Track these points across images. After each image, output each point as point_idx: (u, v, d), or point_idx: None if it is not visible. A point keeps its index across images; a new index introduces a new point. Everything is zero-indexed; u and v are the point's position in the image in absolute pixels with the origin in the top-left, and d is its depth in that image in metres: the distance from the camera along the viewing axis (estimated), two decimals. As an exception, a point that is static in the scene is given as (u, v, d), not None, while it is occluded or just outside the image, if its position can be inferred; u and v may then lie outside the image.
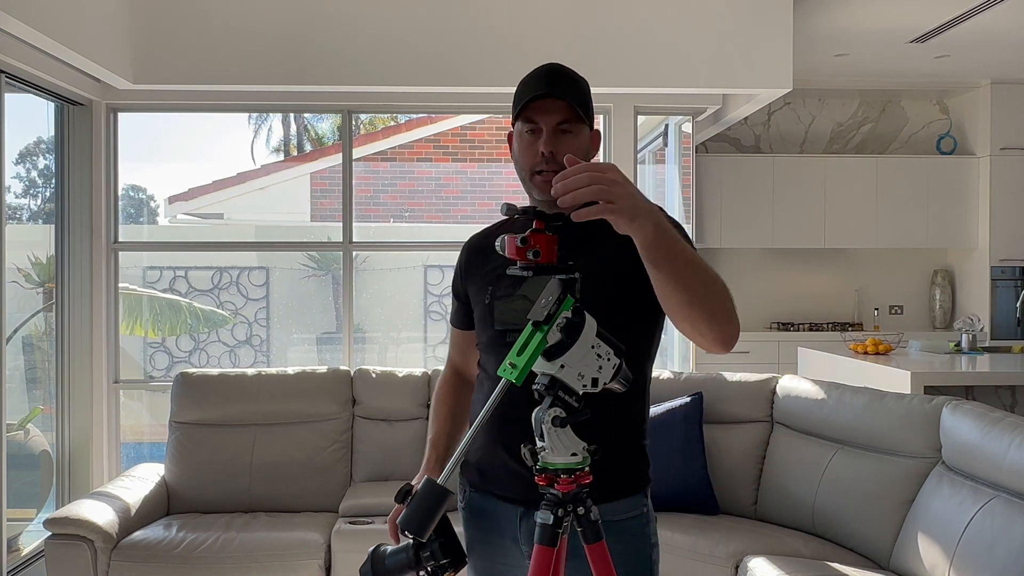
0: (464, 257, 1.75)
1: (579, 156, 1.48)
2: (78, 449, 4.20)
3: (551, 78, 1.55)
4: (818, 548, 2.99)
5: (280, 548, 3.32)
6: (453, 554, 1.31)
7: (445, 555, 1.31)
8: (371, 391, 3.99)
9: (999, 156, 6.29)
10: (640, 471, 1.60)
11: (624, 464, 1.56)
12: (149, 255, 5.13)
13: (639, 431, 1.60)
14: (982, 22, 4.91)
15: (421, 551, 1.30)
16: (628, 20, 4.16)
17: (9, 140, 3.53)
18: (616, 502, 1.52)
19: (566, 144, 1.53)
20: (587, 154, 1.58)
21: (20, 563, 3.69)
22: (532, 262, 1.22)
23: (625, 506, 1.54)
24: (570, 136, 1.54)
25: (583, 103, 1.55)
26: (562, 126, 1.53)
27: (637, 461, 1.59)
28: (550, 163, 1.52)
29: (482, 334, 1.64)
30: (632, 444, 1.59)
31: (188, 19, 4.06)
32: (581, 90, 1.57)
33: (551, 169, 1.49)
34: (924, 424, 2.90)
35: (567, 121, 1.53)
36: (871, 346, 4.72)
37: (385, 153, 5.90)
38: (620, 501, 1.53)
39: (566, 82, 1.55)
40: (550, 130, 1.53)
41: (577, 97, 1.55)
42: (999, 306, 6.31)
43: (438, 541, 1.31)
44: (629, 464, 1.57)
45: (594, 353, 1.23)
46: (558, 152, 1.51)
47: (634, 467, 1.59)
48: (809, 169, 6.40)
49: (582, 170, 1.21)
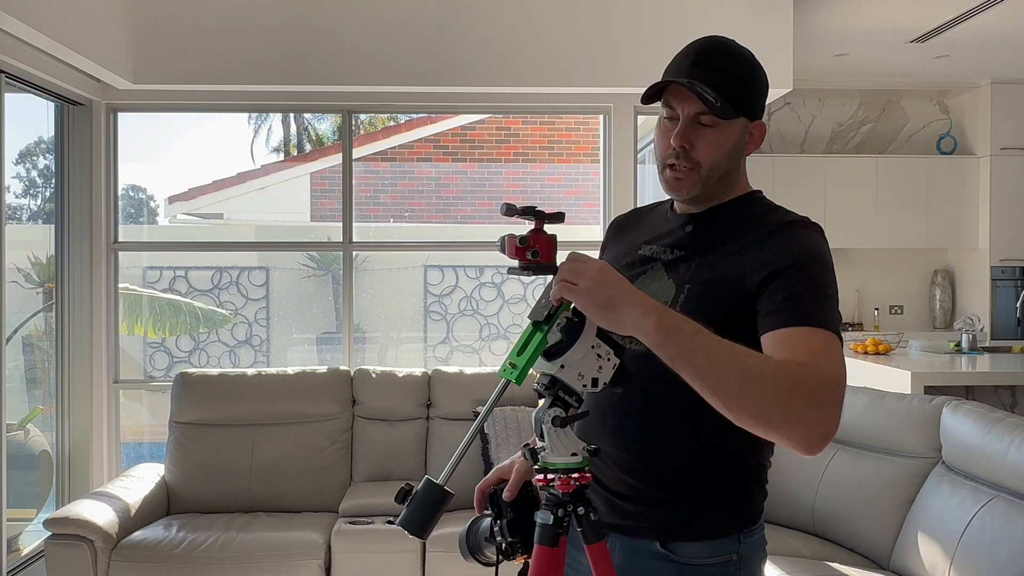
0: (610, 234, 1.60)
1: (722, 155, 1.34)
2: (78, 449, 4.20)
3: (699, 58, 1.33)
4: (818, 548, 2.99)
5: (280, 548, 3.32)
6: (524, 535, 1.29)
7: (513, 534, 1.30)
8: (371, 391, 3.99)
9: (999, 156, 6.29)
10: (734, 508, 1.37)
11: (708, 497, 1.36)
12: (149, 255, 5.13)
13: (738, 461, 1.37)
14: (982, 22, 4.91)
15: (496, 524, 1.30)
16: (628, 20, 4.16)
17: (9, 140, 3.53)
18: (692, 543, 1.35)
19: (704, 139, 1.33)
20: (733, 152, 1.36)
21: (20, 563, 3.69)
22: (531, 262, 1.22)
23: (704, 550, 1.35)
24: (711, 131, 1.33)
25: (733, 92, 1.32)
26: (702, 117, 1.32)
27: (730, 497, 1.37)
28: (682, 159, 1.35)
29: None
30: (726, 475, 1.37)
31: (188, 19, 4.06)
32: (734, 75, 1.33)
33: (683, 166, 1.35)
34: (924, 424, 2.90)
35: (708, 112, 1.32)
36: (871, 346, 4.73)
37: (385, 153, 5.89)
38: (698, 543, 1.35)
39: (715, 65, 1.32)
40: (686, 120, 1.33)
41: (724, 84, 1.31)
42: (999, 306, 6.31)
43: (509, 518, 1.30)
44: (717, 499, 1.37)
45: (594, 353, 1.23)
46: (693, 147, 1.34)
47: (725, 502, 1.37)
48: (809, 169, 6.40)
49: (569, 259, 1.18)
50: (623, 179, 4.51)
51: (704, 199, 1.41)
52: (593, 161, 5.01)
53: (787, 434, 1.15)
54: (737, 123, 1.35)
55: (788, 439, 1.16)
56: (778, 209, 1.41)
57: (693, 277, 1.35)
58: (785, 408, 1.13)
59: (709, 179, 1.37)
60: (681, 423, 1.36)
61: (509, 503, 1.36)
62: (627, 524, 1.39)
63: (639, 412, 1.39)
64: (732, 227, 1.38)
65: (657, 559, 1.37)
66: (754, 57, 1.39)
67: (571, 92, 4.37)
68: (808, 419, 1.14)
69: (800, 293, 1.26)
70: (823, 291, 1.27)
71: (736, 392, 1.14)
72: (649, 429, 1.38)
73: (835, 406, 1.17)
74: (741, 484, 1.39)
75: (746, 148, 1.39)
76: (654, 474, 1.38)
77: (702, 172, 1.36)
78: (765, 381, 1.14)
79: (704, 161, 1.36)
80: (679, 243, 1.42)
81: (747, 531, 1.38)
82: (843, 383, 1.21)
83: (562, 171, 5.92)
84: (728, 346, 1.15)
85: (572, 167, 5.85)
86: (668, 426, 1.37)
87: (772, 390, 1.13)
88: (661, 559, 1.37)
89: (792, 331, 1.23)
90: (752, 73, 1.37)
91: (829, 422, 1.16)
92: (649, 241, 1.47)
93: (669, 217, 1.48)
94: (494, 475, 1.47)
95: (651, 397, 1.36)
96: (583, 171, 5.67)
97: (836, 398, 1.17)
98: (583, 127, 5.67)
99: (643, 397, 1.37)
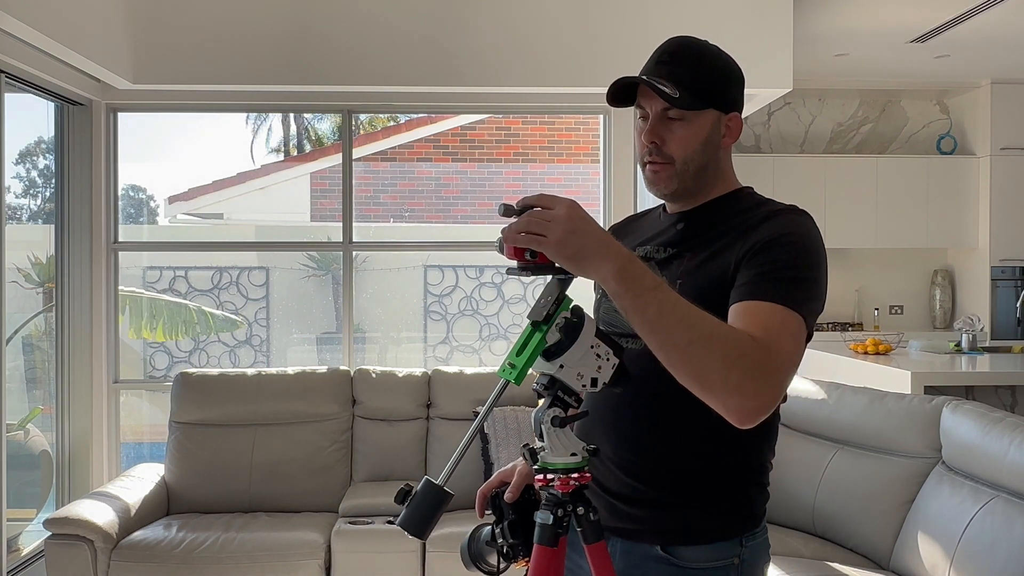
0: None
1: (693, 147, 1.36)
2: (78, 449, 4.20)
3: (663, 56, 1.37)
4: (818, 548, 2.99)
5: (280, 548, 3.32)
6: (526, 537, 1.29)
7: (515, 536, 1.30)
8: (371, 391, 3.99)
9: (999, 156, 6.28)
10: (736, 511, 1.37)
11: (710, 500, 1.36)
12: (149, 255, 5.13)
13: (740, 462, 1.37)
14: (982, 22, 4.91)
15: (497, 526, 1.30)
16: (627, 20, 4.16)
17: (9, 140, 3.53)
18: (693, 547, 1.35)
19: (674, 133, 1.36)
20: (707, 144, 1.37)
21: (20, 563, 3.69)
22: (530, 262, 1.22)
23: (705, 553, 1.35)
24: (680, 125, 1.35)
25: (696, 84, 1.34)
26: (668, 112, 1.35)
27: (731, 499, 1.37)
28: (655, 155, 1.37)
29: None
30: (728, 476, 1.37)
31: (188, 19, 4.06)
32: (697, 68, 1.36)
33: (657, 162, 1.38)
34: (924, 424, 2.90)
35: (672, 107, 1.34)
36: (871, 346, 4.72)
37: (385, 153, 5.89)
38: (700, 547, 1.35)
39: (677, 61, 1.36)
40: (655, 117, 1.36)
41: (686, 78, 1.34)
42: (999, 306, 6.31)
43: (510, 520, 1.30)
44: (719, 501, 1.36)
45: (593, 353, 1.22)
46: (665, 143, 1.36)
47: (727, 505, 1.36)
48: (809, 169, 6.40)
49: (528, 211, 1.15)
50: (623, 179, 4.52)
51: (686, 193, 1.42)
52: (593, 161, 5.01)
53: (723, 400, 1.15)
54: (707, 115, 1.36)
55: (723, 406, 1.16)
56: (768, 201, 1.41)
57: (686, 272, 1.36)
58: (725, 375, 1.13)
59: (685, 172, 1.38)
60: (682, 423, 1.35)
61: (511, 505, 1.36)
62: (628, 527, 1.39)
63: (640, 413, 1.38)
64: (721, 222, 1.39)
65: (658, 563, 1.36)
66: (723, 52, 1.41)
67: (571, 92, 4.37)
68: (745, 390, 1.14)
69: (771, 270, 1.25)
70: (797, 271, 1.26)
71: (681, 350, 1.14)
72: (650, 430, 1.38)
73: (776, 384, 1.17)
74: (743, 486, 1.38)
75: (723, 140, 1.40)
76: (655, 476, 1.38)
77: (677, 166, 1.38)
78: (712, 344, 1.13)
79: (677, 155, 1.37)
80: (671, 241, 1.43)
81: (749, 534, 1.38)
82: (791, 363, 1.20)
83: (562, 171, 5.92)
84: (685, 306, 1.15)
85: (572, 167, 5.86)
86: (669, 426, 1.37)
87: (718, 355, 1.13)
88: (662, 563, 1.36)
89: (753, 304, 1.23)
90: (719, 65, 1.38)
91: (766, 396, 1.16)
92: (643, 242, 1.48)
93: (662, 218, 1.50)
94: (496, 479, 1.48)
95: (652, 397, 1.36)
96: (583, 171, 5.67)
97: (780, 376, 1.18)
98: (583, 127, 5.68)
99: (644, 397, 1.36)
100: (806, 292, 1.26)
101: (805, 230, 1.32)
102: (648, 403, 1.37)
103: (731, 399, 1.15)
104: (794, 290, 1.24)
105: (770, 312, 1.21)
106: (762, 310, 1.22)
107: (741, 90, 1.42)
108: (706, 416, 1.20)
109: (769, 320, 1.20)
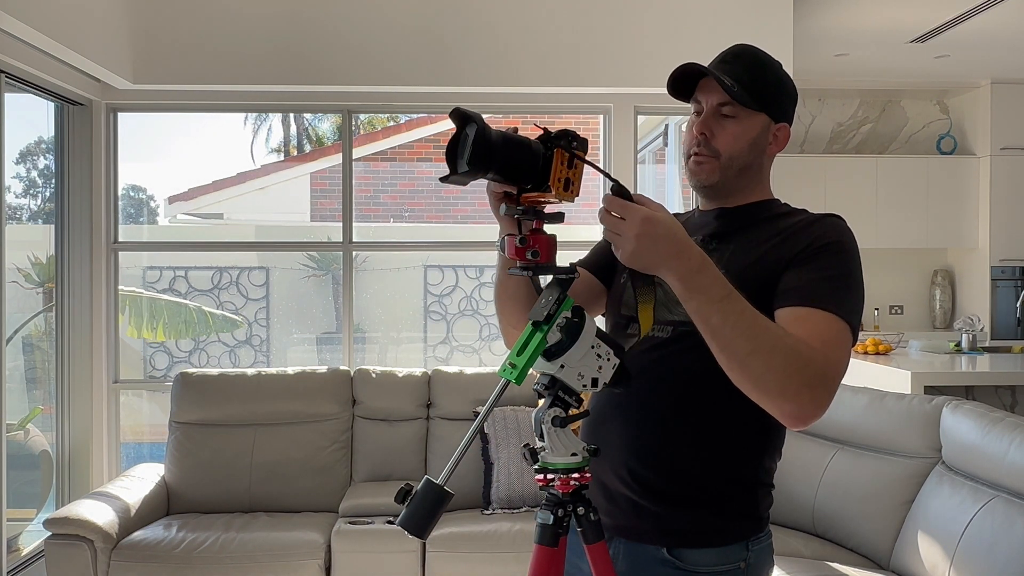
0: None
1: (741, 145, 1.39)
2: (78, 449, 4.20)
3: (727, 56, 1.41)
4: (818, 548, 2.99)
5: (280, 548, 3.32)
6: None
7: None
8: (371, 391, 3.99)
9: (999, 156, 6.29)
10: (742, 514, 1.37)
11: (716, 501, 1.35)
12: (149, 255, 5.13)
13: (746, 464, 1.37)
14: (982, 22, 4.91)
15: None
16: (628, 20, 4.16)
17: (9, 140, 3.52)
18: (699, 550, 1.34)
19: (725, 129, 1.38)
20: (754, 145, 1.40)
21: (20, 563, 3.69)
22: (531, 262, 1.22)
23: (711, 557, 1.34)
24: (732, 122, 1.38)
25: (754, 85, 1.37)
26: (723, 108, 1.38)
27: (737, 501, 1.36)
28: (702, 147, 1.39)
29: (608, 316, 1.54)
30: (734, 478, 1.36)
31: (187, 19, 4.06)
32: (757, 72, 1.39)
33: (704, 154, 1.40)
34: (924, 424, 2.90)
35: (729, 103, 1.37)
36: (871, 346, 4.72)
37: (385, 153, 5.89)
38: (706, 550, 1.34)
39: (740, 62, 1.40)
40: (709, 111, 1.39)
41: (745, 77, 1.37)
42: (999, 306, 6.31)
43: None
44: (725, 503, 1.36)
45: (594, 353, 1.22)
46: (714, 137, 1.38)
47: (733, 507, 1.36)
48: (809, 169, 6.39)
49: (608, 205, 1.18)
50: (623, 179, 4.50)
51: (724, 191, 1.43)
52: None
53: (779, 405, 1.20)
54: (758, 118, 1.39)
55: (779, 410, 1.21)
56: (804, 210, 1.45)
57: (729, 265, 1.36)
58: (784, 384, 1.18)
59: (728, 168, 1.40)
60: (688, 424, 1.35)
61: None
62: (631, 528, 1.38)
63: (645, 413, 1.38)
64: (761, 222, 1.41)
65: (664, 567, 1.35)
66: (783, 68, 1.45)
67: (571, 92, 4.37)
68: (802, 399, 1.19)
69: (829, 277, 1.28)
70: (850, 281, 1.30)
71: (740, 359, 1.18)
72: (655, 430, 1.37)
73: (830, 393, 1.22)
74: (749, 488, 1.38)
75: (768, 148, 1.43)
76: (660, 476, 1.37)
77: (721, 160, 1.40)
78: (773, 356, 1.17)
79: (724, 150, 1.39)
80: (713, 234, 1.44)
81: (755, 538, 1.38)
82: (842, 373, 1.25)
83: (562, 171, 5.91)
84: (751, 316, 1.19)
85: (572, 167, 5.84)
86: (675, 427, 1.36)
87: (778, 366, 1.17)
88: (668, 567, 1.35)
89: (811, 311, 1.26)
90: (777, 75, 1.42)
91: (822, 405, 1.21)
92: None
93: (697, 217, 1.51)
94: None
95: (658, 398, 1.36)
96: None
97: (834, 385, 1.23)
98: (583, 127, 5.67)
99: (649, 398, 1.36)
100: (857, 302, 1.31)
101: (851, 238, 1.36)
102: (654, 404, 1.37)
103: (787, 405, 1.19)
104: (847, 299, 1.28)
105: (828, 322, 1.25)
106: (820, 319, 1.25)
107: (793, 105, 1.46)
108: (713, 416, 1.21)
109: (827, 331, 1.24)
